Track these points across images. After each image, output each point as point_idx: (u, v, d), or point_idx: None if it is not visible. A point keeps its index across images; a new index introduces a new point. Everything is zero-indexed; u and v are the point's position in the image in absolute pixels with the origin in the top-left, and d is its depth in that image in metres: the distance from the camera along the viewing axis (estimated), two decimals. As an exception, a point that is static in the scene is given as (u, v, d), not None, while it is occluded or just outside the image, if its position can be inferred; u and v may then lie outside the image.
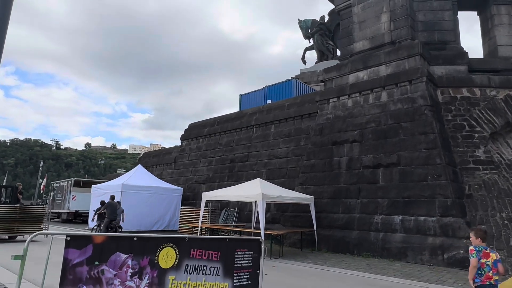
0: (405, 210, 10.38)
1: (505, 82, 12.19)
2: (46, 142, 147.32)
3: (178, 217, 18.68)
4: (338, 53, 37.47)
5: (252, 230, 11.55)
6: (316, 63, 38.17)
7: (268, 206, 15.06)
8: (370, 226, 10.85)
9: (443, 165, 10.19)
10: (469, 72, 12.48)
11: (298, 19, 39.60)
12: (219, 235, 13.88)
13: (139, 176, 18.52)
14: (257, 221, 14.43)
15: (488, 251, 4.19)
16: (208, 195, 11.60)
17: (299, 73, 36.78)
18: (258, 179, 11.88)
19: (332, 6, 20.00)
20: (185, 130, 23.09)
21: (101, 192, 17.85)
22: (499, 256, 4.26)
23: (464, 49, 12.89)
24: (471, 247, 4.28)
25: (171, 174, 22.22)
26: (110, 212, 12.64)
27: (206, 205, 13.53)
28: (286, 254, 10.59)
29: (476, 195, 10.26)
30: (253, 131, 18.41)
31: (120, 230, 12.87)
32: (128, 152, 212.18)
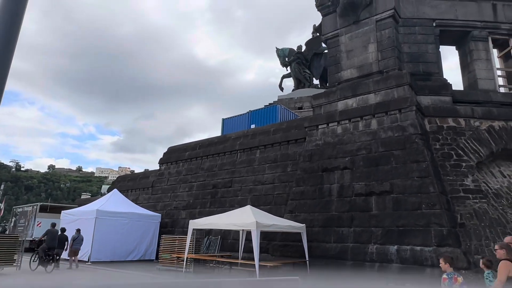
0: (400, 239, 10.20)
1: (487, 113, 12.66)
2: (5, 163, 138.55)
3: (155, 246, 17.59)
4: (315, 81, 38.53)
5: (245, 261, 10.89)
6: (293, 90, 38.93)
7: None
8: (365, 256, 10.54)
9: (437, 194, 10.20)
10: (453, 103, 12.89)
11: (276, 48, 40.47)
12: (205, 265, 13.08)
13: (114, 201, 17.42)
14: (246, 251, 13.79)
15: (456, 275, 4.85)
16: (196, 223, 10.92)
17: (276, 100, 37.24)
18: (248, 206, 11.38)
19: (307, 37, 20.46)
20: (164, 154, 22.27)
21: (72, 218, 16.56)
22: (463, 279, 4.90)
23: (448, 81, 13.38)
24: (444, 276, 4.90)
25: (148, 199, 21.15)
26: (49, 239, 12.25)
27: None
28: (279, 286, 9.99)
29: (468, 224, 10.28)
30: (237, 155, 17.99)
31: (57, 258, 12.21)
32: (95, 175, 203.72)
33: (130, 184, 23.17)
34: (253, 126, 20.06)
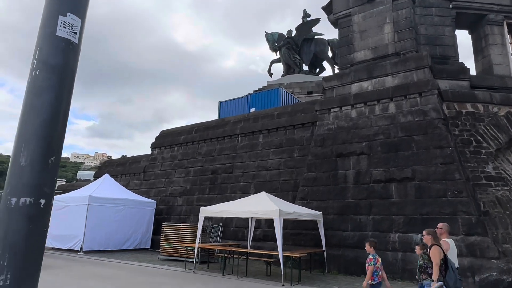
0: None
1: (505, 99, 12.35)
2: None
3: (151, 234, 16.69)
4: (305, 67, 37.85)
5: (264, 252, 10.17)
6: (282, 75, 38.16)
7: (258, 222, 13.85)
8: (386, 245, 10.07)
9: (463, 181, 9.79)
10: (470, 88, 12.49)
11: (265, 32, 39.67)
12: (215, 255, 12.35)
13: (107, 186, 16.27)
14: (255, 239, 13.12)
15: (377, 257, 6.11)
16: (208, 211, 10.09)
17: (265, 85, 36.41)
18: (263, 193, 10.64)
19: (287, 24, 19.62)
20: (157, 138, 21.11)
21: (61, 205, 15.32)
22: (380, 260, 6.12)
23: (465, 65, 12.95)
24: (370, 256, 6.05)
25: (140, 185, 20.05)
26: None
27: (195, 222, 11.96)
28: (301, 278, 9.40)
29: (493, 212, 9.97)
30: (238, 140, 17.15)
31: None
32: (70, 160, 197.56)
33: (119, 169, 21.92)
34: (252, 109, 19.21)
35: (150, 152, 21.07)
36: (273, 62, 38.38)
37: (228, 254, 10.08)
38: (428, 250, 5.21)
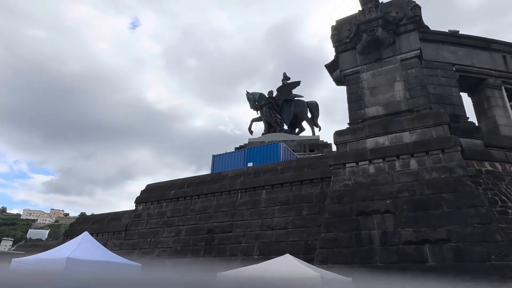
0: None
1: (519, 159, 12.33)
2: None
3: (133, 305, 14.24)
4: (285, 126, 38.33)
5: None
6: (263, 134, 38.35)
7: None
8: (430, 318, 8.85)
9: (506, 243, 9.08)
10: (484, 146, 12.44)
11: (246, 91, 40.84)
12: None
13: (87, 247, 14.01)
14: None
15: None
16: (228, 277, 8.51)
17: (246, 142, 36.21)
18: (287, 255, 9.29)
19: (256, 89, 19.95)
20: (142, 192, 19.35)
21: (26, 268, 12.84)
22: None
23: (478, 125, 13.06)
24: None
25: (120, 245, 17.75)
26: None
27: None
28: None
29: (538, 279, 9.16)
30: (237, 196, 15.89)
31: None
32: (21, 217, 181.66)
33: (95, 227, 19.54)
34: (250, 164, 18.29)
35: (122, 209, 19.12)
36: (254, 120, 38.73)
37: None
38: None
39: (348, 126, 13.86)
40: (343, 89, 15.42)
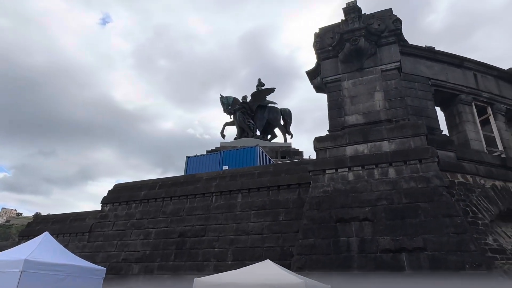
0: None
1: (488, 172, 12.87)
2: None
3: (96, 312, 13.32)
4: (257, 132, 38.36)
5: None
6: (235, 138, 38.18)
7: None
8: (407, 326, 8.88)
9: (479, 253, 9.34)
10: (457, 159, 12.87)
11: (220, 95, 40.69)
12: None
13: (47, 248, 12.95)
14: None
15: None
16: (206, 283, 8.07)
17: (218, 146, 35.89)
18: (267, 261, 9.00)
19: (227, 94, 19.95)
20: (110, 192, 18.37)
21: (-23, 271, 11.65)
22: None
23: (451, 138, 13.51)
24: None
25: (83, 248, 16.66)
26: None
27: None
28: None
29: (506, 288, 9.49)
30: (212, 199, 15.44)
31: None
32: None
33: (56, 227, 18.25)
34: (225, 167, 17.90)
35: (80, 210, 18.09)
36: (226, 124, 38.46)
37: None
38: None
39: (328, 132, 13.89)
40: (313, 99, 15.74)
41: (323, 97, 15.22)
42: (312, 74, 16.49)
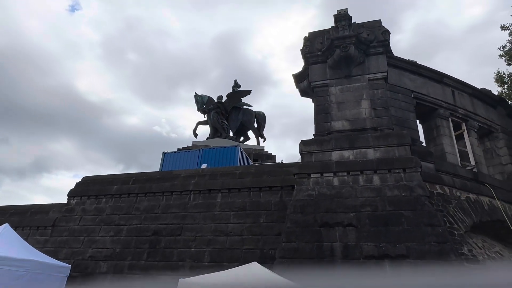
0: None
1: (463, 185, 13.38)
2: None
3: (57, 312, 12.35)
4: (231, 133, 38.06)
5: None
6: (207, 138, 37.63)
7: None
8: (389, 333, 8.91)
9: (459, 262, 9.60)
10: (435, 171, 13.28)
11: (195, 93, 40.06)
12: None
13: (6, 241, 11.86)
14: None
15: None
16: (192, 285, 7.63)
17: (191, 145, 35.24)
18: (254, 263, 8.73)
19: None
20: (78, 184, 17.27)
21: None
22: None
23: (430, 150, 13.93)
24: None
25: (44, 243, 15.48)
26: None
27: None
28: None
29: (481, 297, 9.81)
30: (189, 197, 14.91)
31: None
32: None
33: (14, 219, 16.84)
34: (204, 165, 17.41)
35: (33, 203, 16.94)
36: (199, 123, 37.80)
37: None
38: None
39: (313, 137, 13.87)
40: (282, 106, 15.71)
41: (292, 104, 15.58)
42: (299, 78, 16.46)
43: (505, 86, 23.25)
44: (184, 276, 12.66)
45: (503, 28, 22.45)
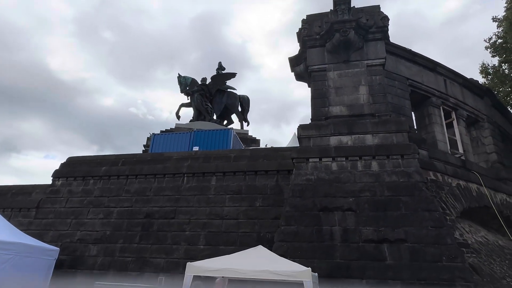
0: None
1: (455, 172, 13.75)
2: None
3: (47, 295, 11.98)
4: (214, 116, 37.56)
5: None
6: (190, 121, 36.99)
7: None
8: (388, 314, 9.15)
9: (455, 246, 9.91)
10: (429, 158, 13.55)
11: (179, 74, 38.88)
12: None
13: (-9, 224, 11.29)
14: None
15: None
16: (200, 268, 7.45)
17: (173, 127, 34.57)
18: (260, 246, 8.67)
19: (173, 76, 19.94)
20: (63, 165, 16.54)
21: None
22: None
23: (424, 137, 14.17)
24: None
25: (28, 225, 14.84)
26: None
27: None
28: None
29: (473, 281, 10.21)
30: (183, 180, 14.60)
31: None
32: None
33: (-6, 200, 16.03)
34: (196, 148, 17.06)
35: (7, 184, 16.22)
36: (182, 105, 36.94)
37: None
38: None
39: (311, 121, 13.79)
40: (261, 90, 15.58)
41: (271, 89, 15.33)
42: (294, 61, 16.23)
43: (489, 77, 23.90)
44: (179, 259, 12.54)
45: (494, 19, 22.93)
